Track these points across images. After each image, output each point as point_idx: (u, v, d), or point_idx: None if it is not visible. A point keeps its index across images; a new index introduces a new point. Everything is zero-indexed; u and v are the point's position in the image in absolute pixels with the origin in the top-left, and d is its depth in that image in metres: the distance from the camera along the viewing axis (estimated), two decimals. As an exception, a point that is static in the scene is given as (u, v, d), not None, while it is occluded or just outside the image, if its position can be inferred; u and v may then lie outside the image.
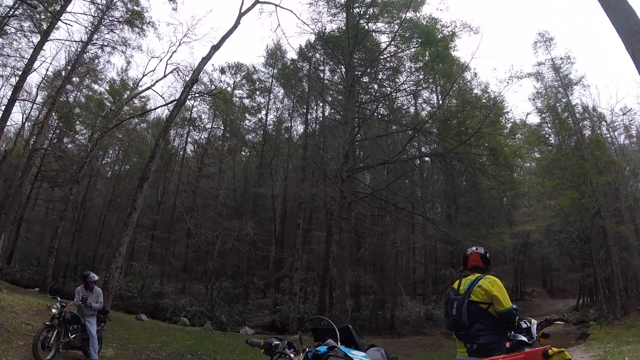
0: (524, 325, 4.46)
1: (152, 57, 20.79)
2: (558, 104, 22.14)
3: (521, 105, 71.10)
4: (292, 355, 2.08)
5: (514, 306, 3.27)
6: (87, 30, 17.72)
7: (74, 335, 5.94)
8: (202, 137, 23.77)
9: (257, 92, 23.09)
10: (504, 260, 21.82)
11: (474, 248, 3.32)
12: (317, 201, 19.72)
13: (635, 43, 7.15)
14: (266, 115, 23.45)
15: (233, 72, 23.07)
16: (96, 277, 6.27)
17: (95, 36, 18.41)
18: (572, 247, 21.98)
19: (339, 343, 2.36)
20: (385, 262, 18.23)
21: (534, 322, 4.56)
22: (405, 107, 19.13)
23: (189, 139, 24.17)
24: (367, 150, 17.64)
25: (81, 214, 24.62)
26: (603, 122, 25.80)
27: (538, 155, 24.08)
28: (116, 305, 16.27)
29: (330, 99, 18.88)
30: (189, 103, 22.27)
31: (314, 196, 18.65)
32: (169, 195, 23.75)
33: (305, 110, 20.68)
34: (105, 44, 19.08)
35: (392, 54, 17.61)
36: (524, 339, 4.27)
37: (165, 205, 23.50)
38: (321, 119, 21.86)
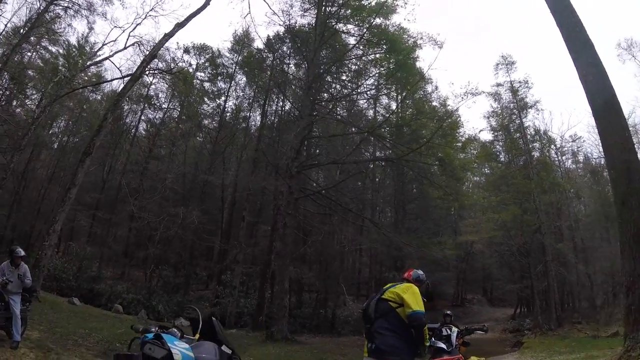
0: (444, 333, 4.49)
1: (115, 27, 19.41)
2: (511, 125, 23.22)
3: (477, 122, 74.26)
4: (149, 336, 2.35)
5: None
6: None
7: None
8: (157, 116, 22.74)
9: (219, 77, 22.40)
10: (447, 267, 22.64)
11: (419, 270, 3.38)
12: (267, 194, 19.43)
13: (589, 75, 7.54)
14: (225, 101, 22.88)
15: (197, 53, 22.21)
16: (23, 252, 5.89)
17: (61, -5, 17.08)
18: (512, 260, 23.08)
19: (198, 334, 2.55)
20: (331, 262, 18.33)
21: (455, 330, 4.61)
22: (365, 110, 19.30)
23: (142, 117, 23.04)
24: (323, 149, 17.62)
25: (22, 185, 22.97)
26: (552, 146, 27.43)
27: (488, 171, 25.17)
28: (49, 286, 15.46)
29: (293, 93, 18.66)
30: (147, 79, 21.30)
31: (264, 189, 18.37)
32: (115, 174, 22.52)
33: (264, 101, 20.28)
34: (69, 5, 17.83)
35: (358, 56, 17.73)
36: (443, 346, 4.32)
37: (110, 184, 22.26)
38: (281, 112, 21.59)
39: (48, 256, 12.02)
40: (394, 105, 20.38)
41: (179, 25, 16.01)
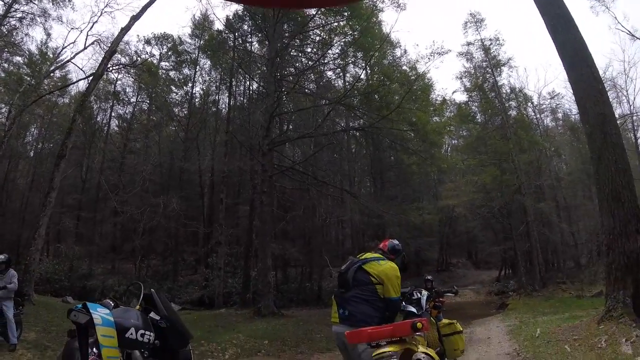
0: (414, 297, 4.55)
1: (73, 29, 19.15)
2: (486, 84, 22.95)
3: (451, 84, 72.16)
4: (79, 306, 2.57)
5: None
6: (5, 3, 16.13)
7: None
8: (127, 111, 22.60)
9: (184, 64, 22.13)
10: (430, 232, 22.86)
11: (394, 240, 3.39)
12: (244, 175, 19.50)
13: (557, 27, 7.25)
14: (192, 87, 22.75)
15: (159, 42, 21.85)
16: (3, 258, 6.05)
17: (15, 7, 16.76)
18: (494, 222, 22.89)
19: (139, 305, 2.93)
20: (313, 236, 18.57)
21: (425, 293, 4.68)
22: (334, 81, 19.16)
23: (113, 114, 22.84)
24: (296, 124, 17.57)
25: (3, 197, 23.07)
26: (529, 104, 27.23)
27: (466, 133, 25.09)
28: (43, 289, 15.87)
29: (259, 71, 18.48)
30: (112, 76, 21.05)
31: (241, 170, 18.46)
32: (93, 173, 22.53)
33: (230, 83, 20.09)
34: (24, 16, 17.51)
35: (319, 26, 17.44)
36: (414, 310, 4.34)
37: (90, 184, 22.30)
38: (249, 91, 21.45)
39: (37, 260, 12.40)
40: (364, 76, 20.24)
41: (135, 18, 15.69)
